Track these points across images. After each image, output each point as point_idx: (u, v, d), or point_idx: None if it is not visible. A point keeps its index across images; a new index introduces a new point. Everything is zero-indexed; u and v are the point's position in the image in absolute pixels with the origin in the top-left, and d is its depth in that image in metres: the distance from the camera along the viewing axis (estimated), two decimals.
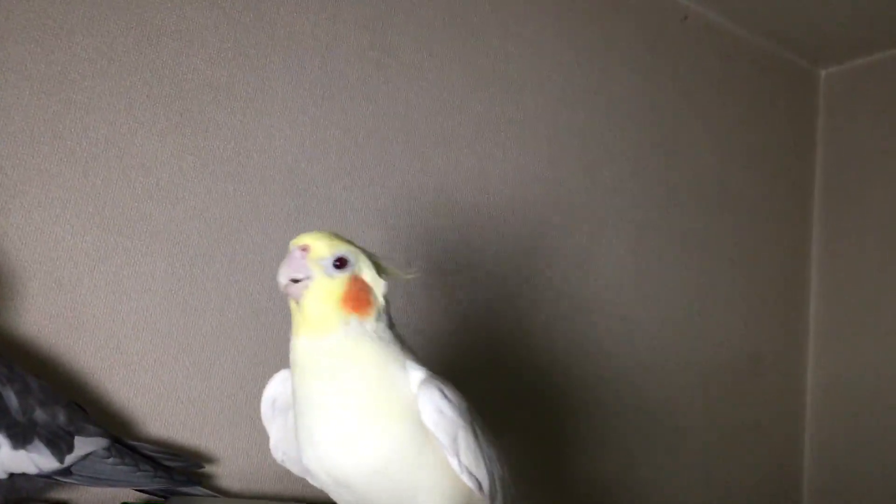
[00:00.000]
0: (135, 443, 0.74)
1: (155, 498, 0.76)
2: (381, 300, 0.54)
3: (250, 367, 0.85)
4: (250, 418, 0.84)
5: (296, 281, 0.52)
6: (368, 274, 0.54)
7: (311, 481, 0.57)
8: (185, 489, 0.75)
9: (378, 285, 0.54)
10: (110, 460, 0.69)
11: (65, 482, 0.68)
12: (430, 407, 0.52)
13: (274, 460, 0.61)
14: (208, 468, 0.81)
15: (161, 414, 0.80)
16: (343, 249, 0.53)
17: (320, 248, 0.52)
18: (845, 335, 1.24)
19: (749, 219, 1.25)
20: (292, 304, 0.53)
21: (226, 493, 0.80)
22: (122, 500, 0.75)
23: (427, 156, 0.96)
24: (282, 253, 0.84)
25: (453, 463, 0.52)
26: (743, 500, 1.18)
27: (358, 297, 0.53)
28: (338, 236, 0.54)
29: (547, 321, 1.03)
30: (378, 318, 0.53)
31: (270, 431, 0.59)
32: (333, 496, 0.55)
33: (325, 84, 0.91)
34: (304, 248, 0.52)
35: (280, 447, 0.60)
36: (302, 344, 0.52)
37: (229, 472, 0.83)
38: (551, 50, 1.06)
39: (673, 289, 1.16)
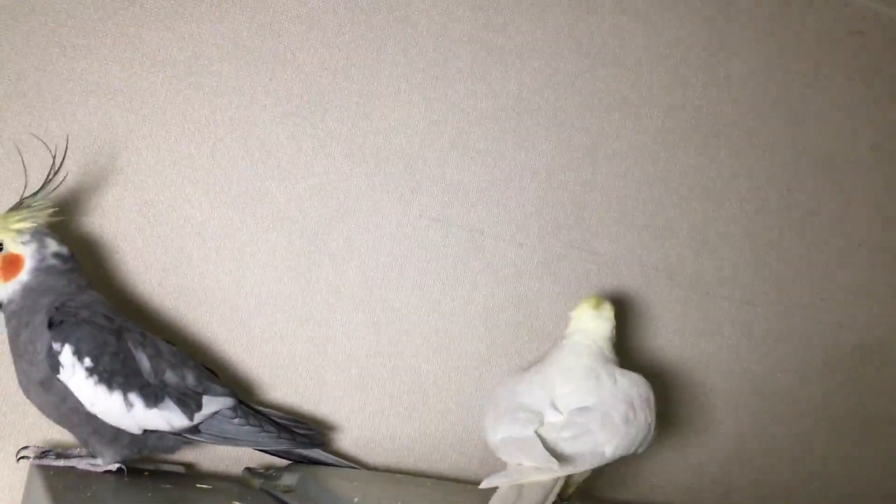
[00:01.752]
0: (260, 407, 0.78)
1: (278, 460, 0.80)
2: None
3: (364, 342, 0.87)
4: (364, 391, 0.87)
5: None
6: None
7: None
8: (305, 451, 0.79)
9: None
10: (236, 420, 0.73)
11: (193, 440, 0.73)
12: None
13: (383, 430, 0.63)
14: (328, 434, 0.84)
15: (281, 383, 0.84)
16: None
17: None
18: None
19: (879, 200, 1.19)
20: None
21: (343, 458, 0.83)
22: (246, 466, 0.79)
23: (539, 135, 0.96)
24: (395, 231, 0.86)
25: None
26: (864, 489, 1.13)
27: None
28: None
29: (661, 302, 1.02)
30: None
31: None
32: None
33: (438, 65, 0.92)
34: None
35: None
36: None
37: (344, 441, 0.86)
38: (665, 24, 1.04)
39: (794, 273, 1.11)
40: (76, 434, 0.70)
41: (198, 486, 0.71)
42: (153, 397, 0.68)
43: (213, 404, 0.72)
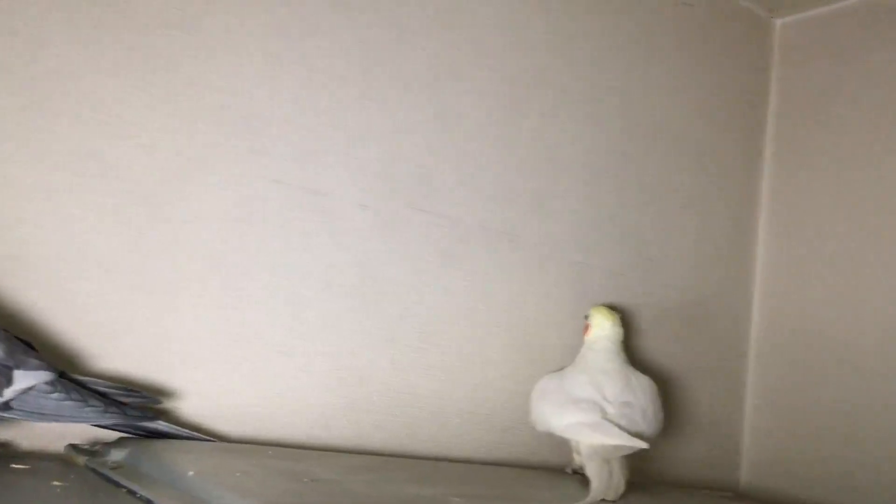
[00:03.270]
0: (85, 378, 0.73)
1: (106, 435, 0.76)
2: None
3: (203, 309, 0.84)
4: (205, 359, 0.84)
5: None
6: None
7: None
8: (148, 424, 0.75)
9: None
10: (55, 395, 0.68)
11: (7, 417, 0.67)
12: None
13: (231, 398, 0.62)
14: (166, 404, 0.81)
15: (114, 353, 0.79)
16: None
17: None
18: (791, 281, 1.27)
19: (703, 165, 1.26)
20: None
21: (191, 429, 0.80)
22: (70, 442, 0.75)
23: (384, 97, 0.95)
24: (235, 192, 0.83)
25: None
26: (686, 439, 1.22)
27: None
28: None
29: (503, 264, 1.04)
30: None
31: None
32: None
33: (281, 20, 0.88)
34: None
35: None
36: None
37: (187, 410, 0.83)
38: None
39: (627, 235, 1.17)
40: None
41: (13, 466, 0.66)
42: None
43: (26, 379, 0.67)
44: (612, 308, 1.04)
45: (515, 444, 1.04)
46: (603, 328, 1.01)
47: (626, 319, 1.04)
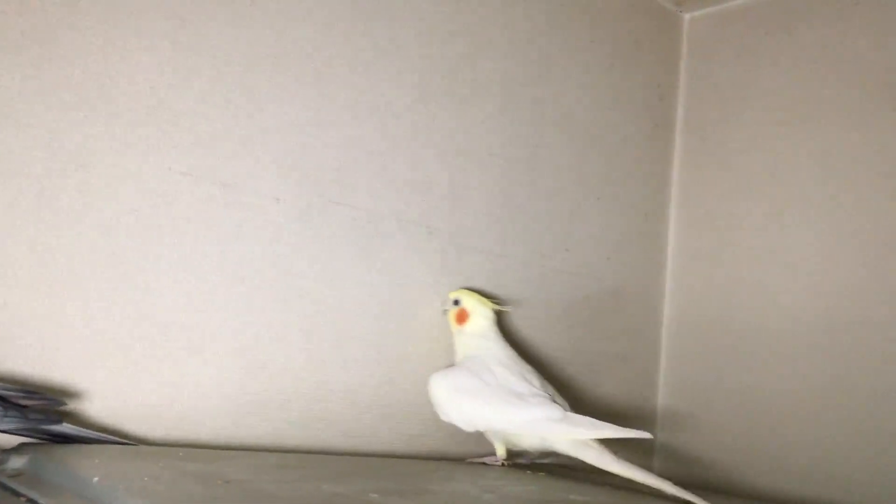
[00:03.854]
0: None
1: (6, 442, 0.72)
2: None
3: (106, 306, 0.81)
4: (112, 355, 0.81)
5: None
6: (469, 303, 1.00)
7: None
8: (52, 428, 0.72)
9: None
10: None
11: None
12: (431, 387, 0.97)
13: (138, 398, 0.67)
14: (70, 406, 0.77)
15: (12, 352, 0.75)
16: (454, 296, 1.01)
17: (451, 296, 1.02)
18: (700, 270, 1.31)
19: (614, 157, 1.29)
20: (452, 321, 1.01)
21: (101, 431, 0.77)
22: None
23: (298, 87, 0.93)
24: (139, 185, 0.80)
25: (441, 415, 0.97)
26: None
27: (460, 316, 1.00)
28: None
29: (420, 255, 1.04)
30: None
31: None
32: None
33: (189, 6, 0.85)
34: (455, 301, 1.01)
35: None
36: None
37: (92, 411, 0.79)
38: None
39: (541, 225, 1.18)
40: None
41: None
42: None
43: None
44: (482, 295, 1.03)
45: (433, 437, 1.04)
46: (484, 314, 1.00)
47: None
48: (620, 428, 0.85)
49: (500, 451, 0.95)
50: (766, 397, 1.19)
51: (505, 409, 0.91)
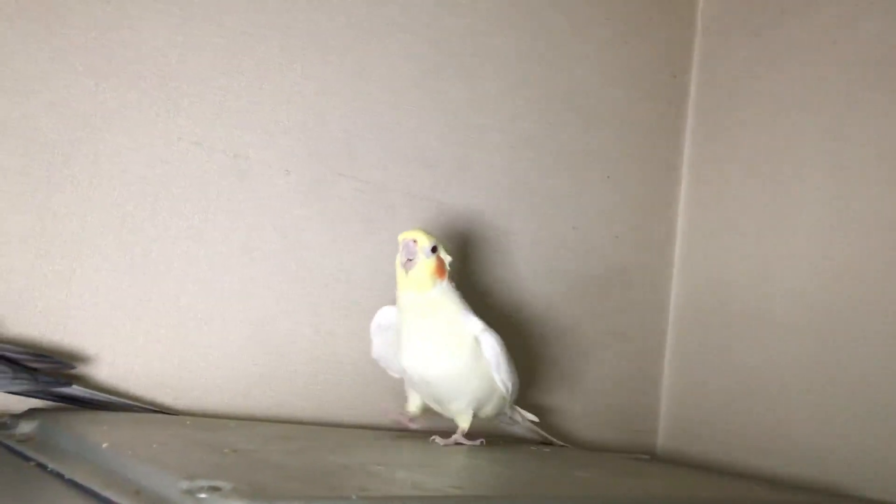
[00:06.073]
0: None
1: (15, 406, 0.72)
2: (449, 270, 0.83)
3: (116, 274, 0.81)
4: (122, 322, 0.81)
5: (409, 261, 0.79)
6: (444, 254, 0.83)
7: (401, 376, 0.87)
8: (63, 390, 0.72)
9: (448, 261, 0.83)
10: None
11: None
12: (488, 344, 0.83)
13: (146, 365, 0.74)
14: (79, 370, 0.78)
15: (23, 317, 0.76)
16: (433, 241, 0.81)
17: (422, 240, 0.80)
18: (709, 249, 1.30)
19: (625, 135, 1.28)
20: (401, 272, 0.80)
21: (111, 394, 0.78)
22: None
23: (307, 58, 0.93)
24: (149, 154, 0.80)
25: (495, 376, 0.84)
26: (604, 403, 1.24)
27: (440, 268, 0.82)
28: (429, 233, 0.81)
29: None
30: (450, 282, 0.83)
31: (375, 342, 0.88)
32: (417, 389, 0.86)
33: None
34: (414, 241, 0.79)
35: (381, 353, 0.89)
36: (408, 296, 0.80)
37: (100, 376, 0.80)
38: None
39: (549, 203, 1.18)
40: None
41: None
42: None
43: None
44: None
45: None
46: (450, 265, 0.84)
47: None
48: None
49: (465, 425, 0.86)
50: (776, 377, 1.19)
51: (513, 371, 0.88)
